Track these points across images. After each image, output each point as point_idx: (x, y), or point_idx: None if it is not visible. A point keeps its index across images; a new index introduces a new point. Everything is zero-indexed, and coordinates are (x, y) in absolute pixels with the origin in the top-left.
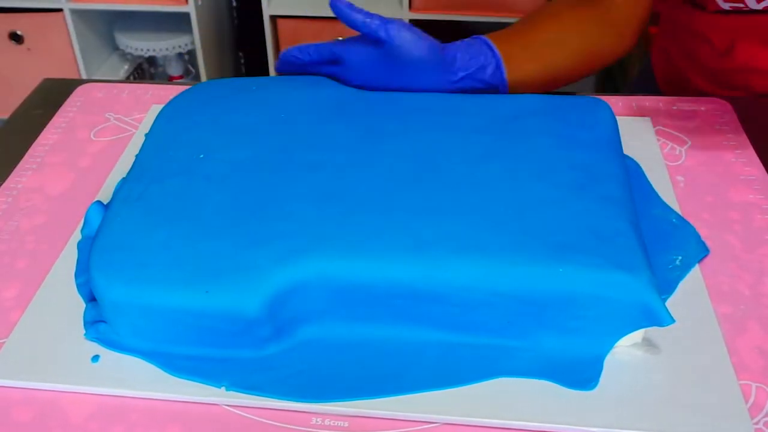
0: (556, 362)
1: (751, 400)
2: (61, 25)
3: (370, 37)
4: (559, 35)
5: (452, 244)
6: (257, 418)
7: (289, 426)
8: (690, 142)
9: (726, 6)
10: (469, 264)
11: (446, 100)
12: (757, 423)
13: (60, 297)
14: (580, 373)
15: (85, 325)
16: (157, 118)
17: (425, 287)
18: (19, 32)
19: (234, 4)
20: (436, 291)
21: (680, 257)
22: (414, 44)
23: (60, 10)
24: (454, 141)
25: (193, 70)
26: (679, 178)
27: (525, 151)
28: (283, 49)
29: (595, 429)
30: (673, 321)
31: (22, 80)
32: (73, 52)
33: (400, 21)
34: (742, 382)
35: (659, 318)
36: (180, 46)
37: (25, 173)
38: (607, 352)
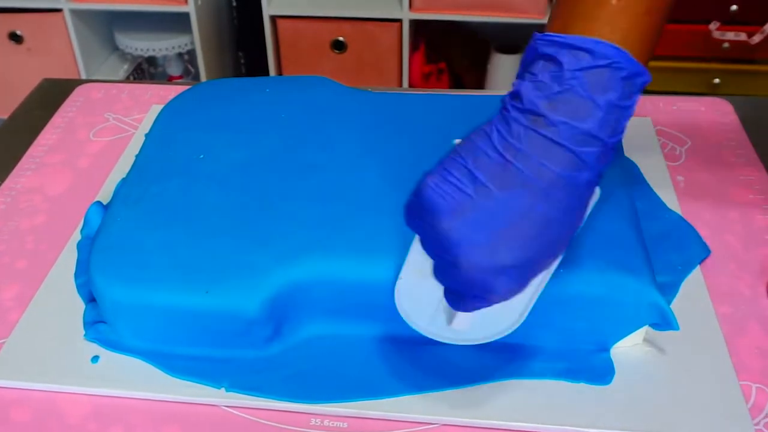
0: (560, 363)
1: (751, 401)
2: (61, 25)
3: None
4: None
5: None
6: (256, 419)
7: (287, 427)
8: (690, 142)
9: None
10: None
11: (446, 101)
12: (757, 424)
13: (60, 297)
14: (590, 370)
15: (84, 325)
16: (157, 118)
17: None
18: (19, 32)
19: (234, 4)
20: None
21: (681, 258)
22: None
23: (60, 10)
24: (453, 141)
25: (193, 70)
26: (679, 178)
27: None
28: (282, 49)
29: (594, 430)
30: (678, 328)
31: (22, 80)
32: (73, 52)
33: None
34: (741, 382)
35: (666, 321)
36: (180, 46)
37: (24, 173)
38: (610, 348)
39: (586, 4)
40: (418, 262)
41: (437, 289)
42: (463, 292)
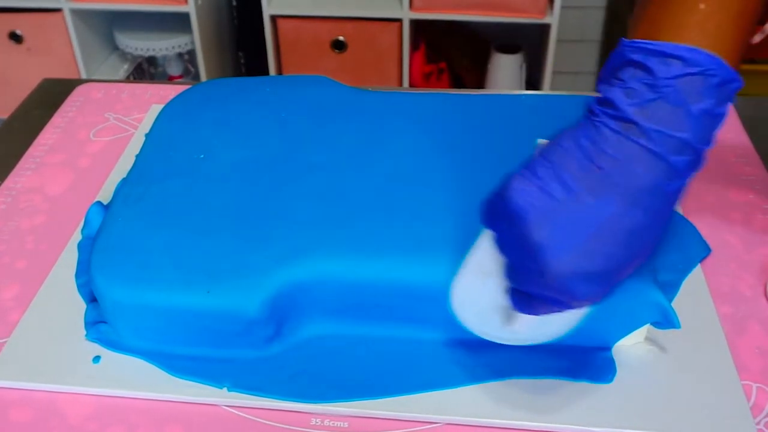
0: (562, 362)
1: (752, 401)
2: (61, 25)
3: None
4: None
5: (452, 243)
6: (256, 419)
7: (288, 427)
8: None
9: None
10: None
11: (446, 100)
12: (758, 424)
13: (60, 297)
14: (592, 369)
15: (86, 325)
16: (157, 118)
17: (426, 287)
18: (19, 32)
19: (234, 3)
20: (437, 291)
21: (682, 257)
22: None
23: (60, 10)
24: (453, 140)
25: (193, 70)
26: None
27: (526, 151)
28: (282, 49)
29: (596, 429)
30: (680, 326)
31: (22, 80)
32: (73, 52)
33: None
34: (742, 382)
35: (667, 319)
36: (180, 46)
37: (24, 173)
38: (611, 347)
39: (674, 9)
40: (479, 262)
41: (495, 290)
42: (543, 297)
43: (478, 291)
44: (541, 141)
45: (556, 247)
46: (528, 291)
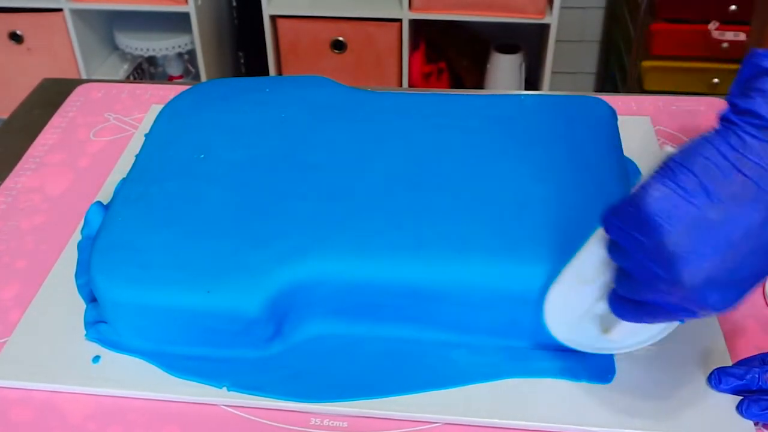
0: (561, 362)
1: None
2: (61, 25)
3: None
4: None
5: (452, 243)
6: (256, 419)
7: (287, 426)
8: None
9: None
10: (469, 263)
11: (447, 100)
12: (757, 423)
13: (60, 297)
14: (591, 369)
15: (86, 325)
16: (157, 118)
17: (425, 287)
18: (19, 32)
19: (234, 4)
20: (437, 291)
21: None
22: None
23: (60, 10)
24: (453, 140)
25: (193, 70)
26: None
27: (525, 151)
28: (282, 49)
29: (596, 429)
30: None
31: (22, 80)
32: (73, 52)
33: None
34: None
35: None
36: (180, 46)
37: (24, 173)
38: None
39: None
40: (578, 270)
41: (593, 298)
42: (665, 306)
43: (573, 300)
44: (668, 149)
45: (695, 257)
46: (647, 300)
